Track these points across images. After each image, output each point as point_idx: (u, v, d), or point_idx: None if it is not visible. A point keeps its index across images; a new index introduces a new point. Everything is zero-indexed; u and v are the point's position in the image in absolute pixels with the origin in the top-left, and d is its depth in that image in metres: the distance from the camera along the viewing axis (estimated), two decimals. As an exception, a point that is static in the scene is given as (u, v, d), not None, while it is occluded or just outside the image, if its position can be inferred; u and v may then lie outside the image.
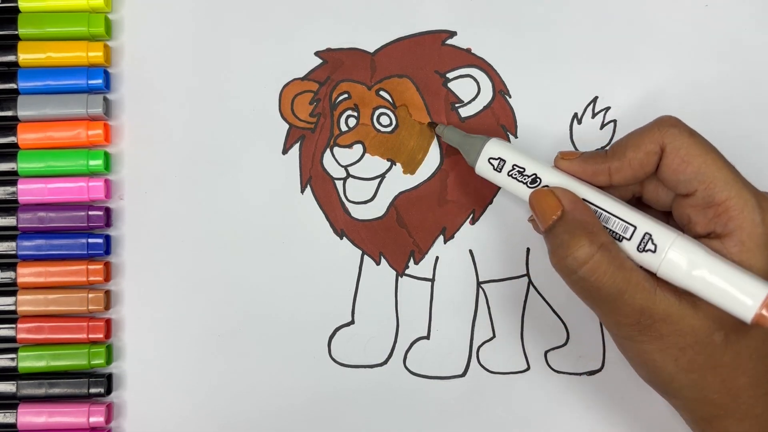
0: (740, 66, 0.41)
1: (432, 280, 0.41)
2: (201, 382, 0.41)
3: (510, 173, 0.35)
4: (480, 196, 0.41)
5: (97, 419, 0.39)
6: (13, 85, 0.40)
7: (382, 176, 0.41)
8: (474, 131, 0.41)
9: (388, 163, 0.41)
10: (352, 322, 0.41)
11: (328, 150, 0.41)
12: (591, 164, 0.34)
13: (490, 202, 0.41)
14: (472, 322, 0.41)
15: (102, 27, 0.40)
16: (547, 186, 0.34)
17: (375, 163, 0.41)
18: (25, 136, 0.40)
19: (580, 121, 0.41)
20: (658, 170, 0.32)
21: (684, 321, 0.30)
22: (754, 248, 0.30)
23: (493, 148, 0.35)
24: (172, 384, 0.41)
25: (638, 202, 0.36)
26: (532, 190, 0.34)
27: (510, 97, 0.41)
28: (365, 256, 0.41)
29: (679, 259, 0.30)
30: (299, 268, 0.41)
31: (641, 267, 0.31)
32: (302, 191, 0.41)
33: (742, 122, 0.41)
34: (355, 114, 0.41)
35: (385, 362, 0.41)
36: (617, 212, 0.32)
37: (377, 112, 0.41)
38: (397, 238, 0.41)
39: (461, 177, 0.41)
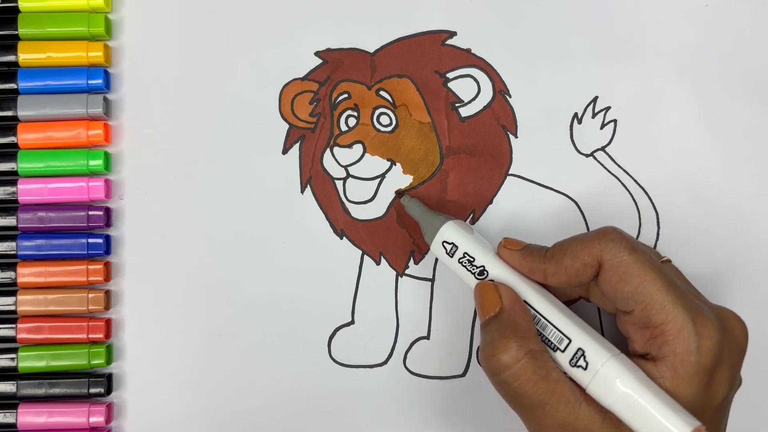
0: (741, 66, 0.41)
1: (432, 280, 0.41)
2: (201, 382, 0.41)
3: (460, 260, 0.35)
4: (480, 196, 0.41)
5: (97, 419, 0.39)
6: (13, 85, 0.40)
7: (382, 176, 0.41)
8: (474, 131, 0.41)
9: (388, 163, 0.41)
10: (352, 322, 0.41)
11: (328, 150, 0.41)
12: (529, 261, 0.33)
13: (490, 202, 0.41)
14: (472, 322, 0.41)
15: (102, 27, 0.40)
16: (492, 280, 0.34)
17: (375, 163, 0.41)
18: (25, 136, 0.40)
19: (580, 121, 0.41)
20: (598, 283, 0.32)
21: None
22: (686, 376, 0.29)
23: (448, 231, 0.36)
24: (172, 384, 0.41)
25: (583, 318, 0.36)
26: (479, 281, 0.34)
27: (510, 97, 0.41)
28: (365, 256, 0.41)
29: (608, 379, 0.29)
30: (299, 268, 0.41)
31: (571, 379, 0.31)
32: (302, 191, 0.41)
33: (742, 122, 0.41)
34: (355, 114, 0.41)
35: (385, 362, 0.41)
36: (556, 321, 0.32)
37: (377, 112, 0.41)
38: (397, 238, 0.41)
39: (461, 177, 0.41)
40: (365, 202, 0.41)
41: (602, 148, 0.41)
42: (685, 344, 0.29)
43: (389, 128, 0.41)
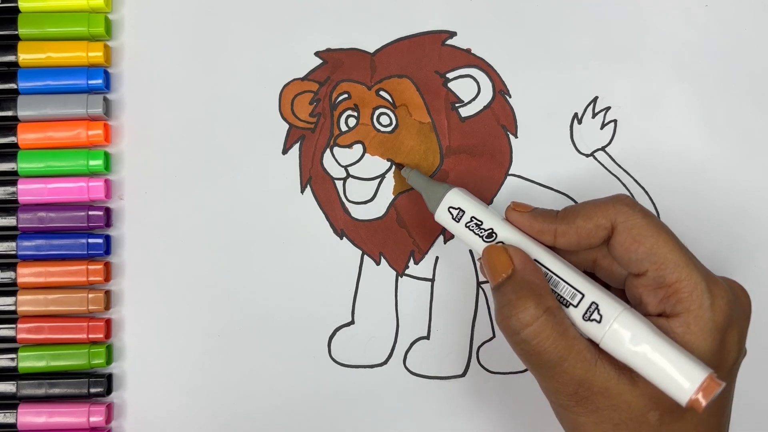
0: (741, 66, 0.41)
1: (432, 280, 0.41)
2: (201, 382, 0.41)
3: (467, 224, 0.35)
4: (480, 196, 0.40)
5: (97, 419, 0.39)
6: (13, 85, 0.40)
7: (382, 176, 0.41)
8: (474, 131, 0.41)
9: (388, 163, 0.41)
10: (352, 322, 0.41)
11: (328, 150, 0.41)
12: (539, 221, 0.33)
13: (490, 202, 0.41)
14: (472, 322, 0.41)
15: (102, 27, 0.40)
16: (501, 242, 0.34)
17: (375, 163, 0.41)
18: (25, 136, 0.40)
19: (580, 121, 0.41)
20: (610, 247, 0.32)
21: (621, 396, 0.30)
22: (699, 332, 0.30)
23: (454, 198, 0.35)
24: (172, 384, 0.41)
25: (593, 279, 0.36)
26: (487, 244, 0.34)
27: (510, 97, 0.41)
28: (365, 256, 0.41)
29: (622, 332, 0.30)
30: (299, 268, 0.41)
31: (585, 336, 0.31)
32: (302, 191, 0.41)
33: (742, 122, 0.41)
34: (355, 114, 0.41)
35: (385, 362, 0.41)
36: (567, 277, 0.32)
37: (377, 112, 0.41)
38: (397, 238, 0.41)
39: (461, 177, 0.41)
40: (365, 202, 0.41)
41: (602, 148, 0.41)
42: (699, 301, 0.30)
43: (389, 128, 0.41)
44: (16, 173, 0.40)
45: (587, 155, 0.41)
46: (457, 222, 0.35)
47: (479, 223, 0.34)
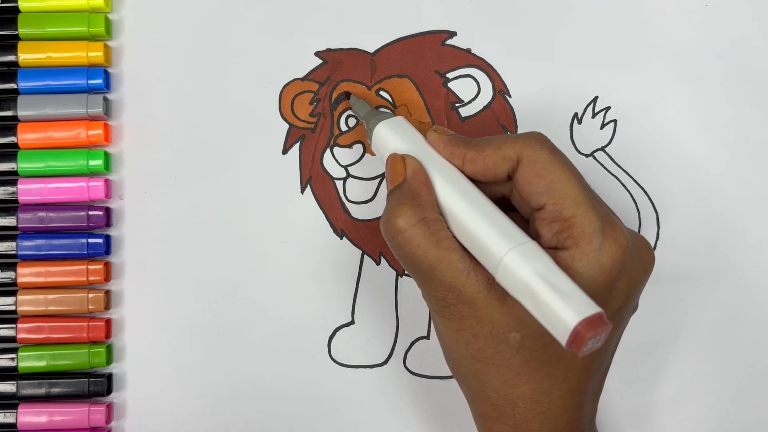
0: (741, 66, 0.41)
1: (432, 280, 0.41)
2: (201, 382, 0.41)
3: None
4: (480, 196, 0.41)
5: (97, 419, 0.39)
6: (13, 85, 0.40)
7: (382, 176, 0.41)
8: (474, 131, 0.41)
9: (388, 163, 0.41)
10: (352, 322, 0.41)
11: (328, 150, 0.41)
12: (452, 144, 0.34)
13: (490, 202, 0.41)
14: (472, 322, 0.41)
15: (102, 27, 0.40)
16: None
17: (375, 163, 0.41)
18: (25, 136, 0.40)
19: (580, 121, 0.41)
20: (514, 180, 0.32)
21: (486, 310, 0.30)
22: (582, 268, 0.29)
23: (384, 129, 0.35)
24: (172, 384, 0.41)
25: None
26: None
27: (510, 97, 0.41)
28: (365, 256, 0.41)
29: (507, 272, 0.29)
30: (299, 268, 0.41)
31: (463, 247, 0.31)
32: (302, 191, 0.41)
33: (742, 122, 0.41)
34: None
35: (385, 362, 0.41)
36: (458, 209, 0.32)
37: (377, 112, 0.41)
38: (397, 238, 0.41)
39: (461, 177, 0.41)
40: (365, 202, 0.41)
41: (602, 148, 0.41)
42: (589, 238, 0.30)
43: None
44: (16, 173, 0.40)
45: (587, 155, 0.41)
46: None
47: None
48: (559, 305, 0.27)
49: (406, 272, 0.41)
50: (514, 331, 0.30)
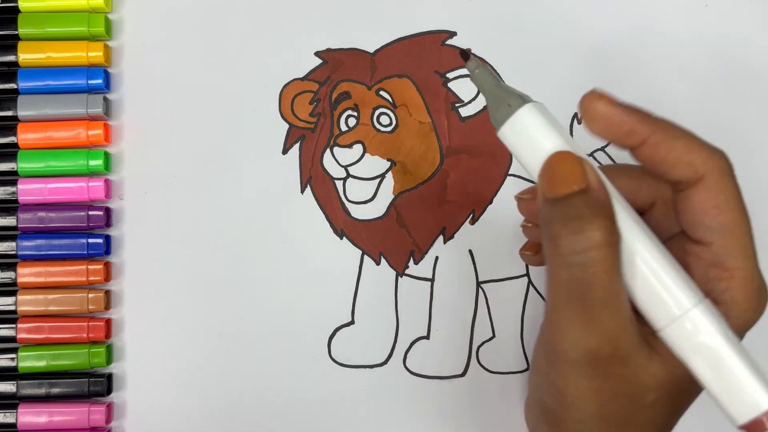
0: (741, 66, 0.41)
1: (432, 280, 0.41)
2: (201, 382, 0.41)
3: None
4: (480, 196, 0.41)
5: (97, 419, 0.39)
6: (13, 85, 0.40)
7: (382, 176, 0.41)
8: (474, 131, 0.41)
9: (388, 163, 0.41)
10: (352, 322, 0.41)
11: (328, 150, 0.41)
12: (632, 118, 0.27)
13: (490, 202, 0.41)
14: (472, 322, 0.41)
15: (102, 27, 0.40)
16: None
17: (375, 163, 0.41)
18: (25, 136, 0.40)
19: (580, 121, 0.41)
20: (682, 196, 0.27)
21: (635, 369, 0.26)
22: (736, 329, 0.26)
23: (527, 117, 0.28)
24: (172, 384, 0.41)
25: None
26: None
27: (510, 97, 0.41)
28: (365, 256, 0.41)
29: (688, 331, 0.25)
30: (299, 268, 0.41)
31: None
32: (302, 191, 0.41)
33: (742, 122, 0.41)
34: (355, 114, 0.41)
35: (385, 362, 0.41)
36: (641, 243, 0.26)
37: (377, 112, 0.41)
38: (397, 238, 0.41)
39: (461, 177, 0.41)
40: (365, 202, 0.41)
41: (602, 148, 0.41)
42: (748, 298, 0.26)
43: (389, 128, 0.41)
44: (16, 173, 0.40)
45: (587, 155, 0.41)
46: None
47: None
48: (752, 381, 0.24)
49: (406, 272, 0.41)
50: (652, 391, 0.27)
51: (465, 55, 0.30)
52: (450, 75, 0.41)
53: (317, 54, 0.41)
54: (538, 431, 0.30)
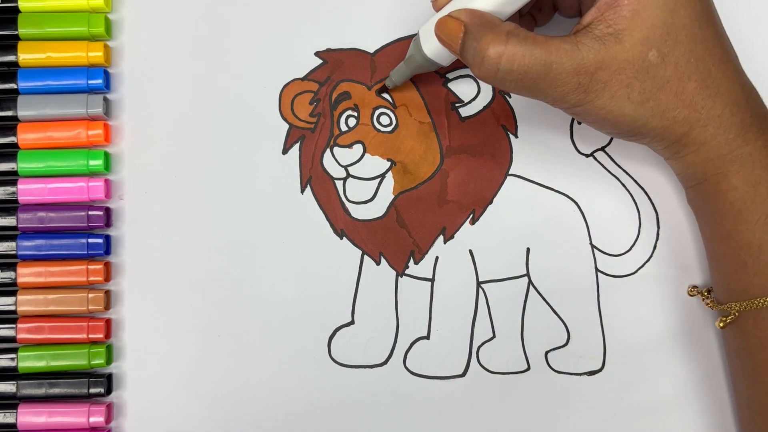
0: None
1: (432, 280, 0.41)
2: (201, 382, 0.41)
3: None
4: (480, 196, 0.41)
5: (97, 419, 0.39)
6: (13, 85, 0.40)
7: (382, 176, 0.41)
8: (474, 131, 0.41)
9: (388, 163, 0.41)
10: (352, 322, 0.41)
11: (328, 150, 0.41)
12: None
13: (490, 202, 0.41)
14: (472, 322, 0.41)
15: (102, 27, 0.40)
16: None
17: (375, 163, 0.41)
18: (25, 136, 0.40)
19: (580, 122, 0.41)
20: None
21: (617, 58, 0.31)
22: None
23: (422, 34, 0.36)
24: (172, 384, 0.41)
25: None
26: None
27: (510, 97, 0.41)
28: (365, 256, 0.41)
29: None
30: (299, 268, 0.41)
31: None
32: (302, 191, 0.41)
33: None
34: (355, 114, 0.41)
35: (385, 362, 0.41)
36: None
37: (377, 112, 0.41)
38: (397, 238, 0.41)
39: (461, 177, 0.41)
40: (365, 202, 0.41)
41: (602, 148, 0.41)
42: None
43: (389, 128, 0.41)
44: (16, 173, 0.40)
45: (587, 155, 0.41)
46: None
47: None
48: None
49: (406, 272, 0.41)
50: (649, 52, 0.31)
51: (382, 90, 0.40)
52: (450, 75, 0.41)
53: (317, 54, 0.41)
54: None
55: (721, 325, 0.36)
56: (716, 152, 0.33)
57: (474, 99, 0.41)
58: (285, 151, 0.41)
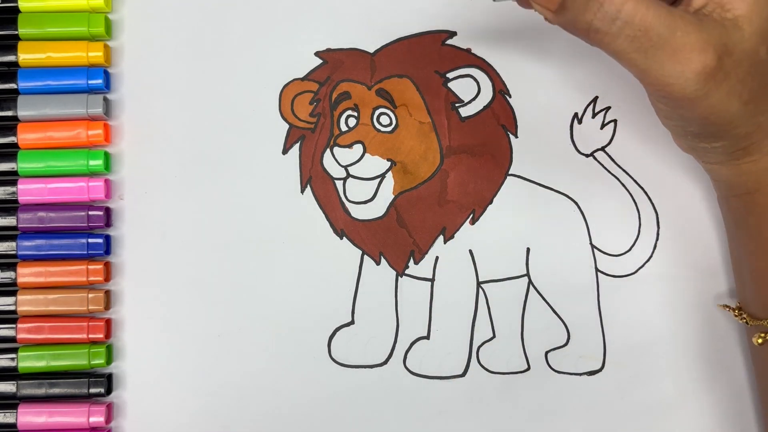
0: (740, 66, 0.41)
1: (432, 280, 0.41)
2: (201, 382, 0.41)
3: None
4: (480, 196, 0.41)
5: (97, 419, 0.39)
6: (13, 85, 0.40)
7: (382, 176, 0.41)
8: (474, 131, 0.41)
9: (388, 163, 0.41)
10: (352, 322, 0.41)
11: (328, 150, 0.41)
12: None
13: (490, 202, 0.41)
14: (472, 322, 0.41)
15: (102, 27, 0.40)
16: None
17: (375, 163, 0.41)
18: (25, 136, 0.40)
19: (580, 121, 0.41)
20: None
21: (738, 47, 0.28)
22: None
23: None
24: (172, 384, 0.41)
25: None
26: None
27: (510, 97, 0.41)
28: (365, 256, 0.41)
29: None
30: (299, 268, 0.41)
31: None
32: (302, 191, 0.41)
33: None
34: (355, 114, 0.41)
35: (385, 362, 0.41)
36: None
37: (377, 112, 0.41)
38: (397, 238, 0.41)
39: (461, 177, 0.41)
40: (365, 202, 0.41)
41: (602, 148, 0.41)
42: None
43: (389, 128, 0.41)
44: (16, 173, 0.40)
45: (587, 155, 0.41)
46: None
47: None
48: None
49: (406, 272, 0.41)
50: (761, 46, 0.28)
51: None
52: (450, 75, 0.41)
53: (317, 54, 0.41)
54: None
55: (760, 341, 0.35)
56: None
57: (474, 99, 0.41)
58: (285, 151, 0.41)
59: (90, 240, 0.40)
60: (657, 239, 0.41)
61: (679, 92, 0.29)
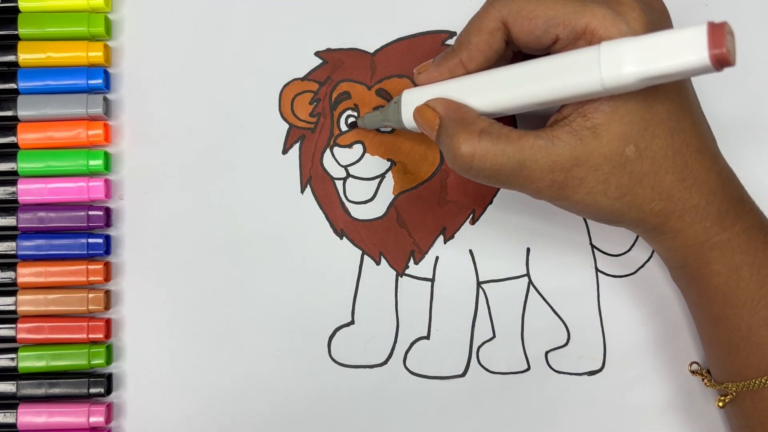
0: (740, 66, 0.41)
1: (432, 280, 0.41)
2: (201, 382, 0.41)
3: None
4: (480, 196, 0.41)
5: (97, 419, 0.39)
6: (13, 85, 0.40)
7: (382, 176, 0.41)
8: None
9: (388, 163, 0.41)
10: (352, 322, 0.41)
11: (328, 150, 0.41)
12: (444, 65, 0.34)
13: (490, 202, 0.41)
14: (472, 322, 0.41)
15: (102, 27, 0.40)
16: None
17: (375, 163, 0.41)
18: (25, 136, 0.40)
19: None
20: (514, 40, 0.32)
21: (594, 154, 0.31)
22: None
23: (405, 100, 0.36)
24: (172, 384, 0.41)
25: None
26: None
27: (510, 97, 0.41)
28: (365, 256, 0.41)
29: (614, 54, 0.28)
30: (299, 268, 0.41)
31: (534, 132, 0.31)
32: (302, 191, 0.41)
33: (741, 122, 0.41)
34: (355, 114, 0.41)
35: (385, 362, 0.41)
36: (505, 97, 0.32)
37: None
38: (397, 238, 0.41)
39: (461, 177, 0.41)
40: (365, 202, 0.41)
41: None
42: (617, 27, 0.30)
43: (389, 128, 0.41)
44: (16, 173, 0.40)
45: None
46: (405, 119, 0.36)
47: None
48: (682, 33, 0.28)
49: (406, 272, 0.41)
50: (626, 147, 0.31)
51: (352, 125, 0.40)
52: (450, 75, 0.41)
53: (317, 54, 0.41)
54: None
55: (720, 404, 0.36)
56: (694, 239, 0.33)
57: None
58: (285, 151, 0.41)
59: (90, 240, 0.40)
60: (657, 239, 0.41)
61: (542, 199, 0.33)
